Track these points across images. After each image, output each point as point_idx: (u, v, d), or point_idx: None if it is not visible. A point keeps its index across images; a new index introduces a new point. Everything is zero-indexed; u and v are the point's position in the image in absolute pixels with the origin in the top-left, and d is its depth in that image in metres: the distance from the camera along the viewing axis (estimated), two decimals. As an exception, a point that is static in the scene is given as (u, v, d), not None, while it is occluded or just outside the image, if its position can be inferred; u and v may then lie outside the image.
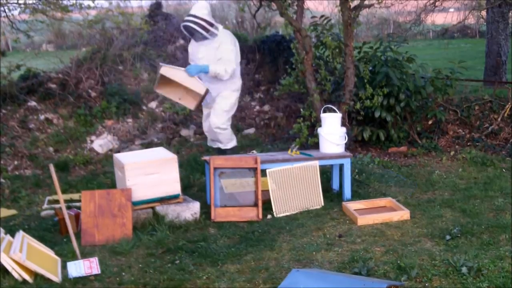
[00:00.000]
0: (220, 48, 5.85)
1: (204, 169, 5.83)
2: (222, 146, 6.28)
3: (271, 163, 5.40)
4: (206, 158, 5.47)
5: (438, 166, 6.71)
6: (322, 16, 7.64)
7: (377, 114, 7.17)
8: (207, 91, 5.84)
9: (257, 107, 9.07)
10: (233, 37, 6.04)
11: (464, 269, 3.76)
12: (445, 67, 7.88)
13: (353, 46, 7.02)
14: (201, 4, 5.89)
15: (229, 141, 6.29)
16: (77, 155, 7.08)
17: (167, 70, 5.79)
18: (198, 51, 6.00)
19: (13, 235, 4.21)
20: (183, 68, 5.84)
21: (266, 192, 5.33)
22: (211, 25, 5.82)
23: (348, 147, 6.30)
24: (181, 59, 9.25)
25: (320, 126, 5.83)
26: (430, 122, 7.65)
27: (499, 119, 7.54)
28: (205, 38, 5.83)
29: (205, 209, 5.22)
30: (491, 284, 3.61)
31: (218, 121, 6.07)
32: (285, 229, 4.81)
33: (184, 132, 7.98)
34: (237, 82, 6.18)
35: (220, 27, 5.96)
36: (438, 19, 13.25)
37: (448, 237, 4.44)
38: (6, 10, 8.53)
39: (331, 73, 7.60)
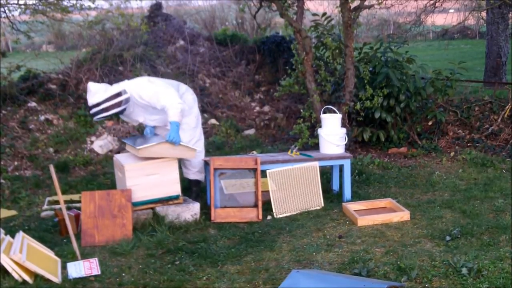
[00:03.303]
0: (150, 100, 5.04)
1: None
2: (191, 175, 5.53)
3: (271, 164, 5.40)
4: (206, 159, 5.47)
5: (438, 167, 6.71)
6: (324, 14, 7.64)
7: (377, 115, 7.17)
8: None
9: (257, 108, 9.07)
10: (139, 81, 5.21)
11: (464, 270, 3.76)
12: (445, 68, 7.89)
13: (353, 47, 7.03)
14: (90, 89, 5.01)
15: (200, 171, 5.53)
16: (77, 156, 7.08)
17: (145, 151, 4.90)
18: (136, 117, 5.28)
19: (13, 236, 4.21)
20: (162, 140, 5.00)
21: (266, 193, 5.34)
22: (117, 95, 4.98)
23: (348, 148, 6.30)
24: (181, 60, 9.26)
25: (320, 127, 5.83)
26: (430, 123, 7.65)
27: (499, 120, 7.54)
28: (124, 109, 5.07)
29: (205, 210, 5.22)
30: (491, 285, 3.61)
31: (188, 138, 5.30)
32: (285, 230, 4.81)
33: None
34: (189, 97, 5.41)
35: (124, 83, 5.13)
36: (438, 20, 13.25)
37: (448, 238, 4.44)
38: (7, 11, 8.53)
39: (331, 74, 7.60)
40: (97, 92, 4.98)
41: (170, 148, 4.99)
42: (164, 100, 4.99)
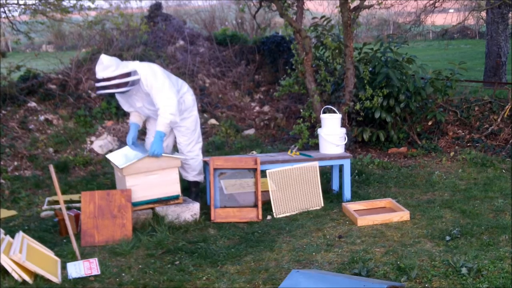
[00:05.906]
0: (150, 90, 4.91)
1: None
2: (190, 178, 5.50)
3: (271, 163, 5.40)
4: (206, 159, 5.47)
5: (438, 167, 6.71)
6: (322, 16, 7.66)
7: (377, 115, 7.17)
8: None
9: (257, 108, 9.07)
10: (152, 67, 5.03)
11: (464, 270, 3.76)
12: (445, 68, 7.89)
13: (353, 47, 7.03)
14: (103, 61, 4.79)
15: (200, 173, 5.51)
16: (77, 156, 7.08)
17: (128, 169, 4.84)
18: (134, 101, 5.14)
19: (13, 236, 4.21)
20: (144, 154, 4.92)
21: (266, 193, 5.34)
22: (127, 75, 4.80)
23: (348, 148, 6.31)
24: (181, 60, 9.26)
25: (320, 127, 5.83)
26: (430, 123, 7.65)
27: (498, 120, 7.54)
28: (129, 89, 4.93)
29: (205, 210, 5.22)
30: (491, 285, 3.61)
31: (186, 141, 5.35)
32: (285, 230, 4.81)
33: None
34: (189, 97, 5.34)
35: (136, 64, 5.00)
36: (438, 20, 13.25)
37: (448, 238, 4.44)
38: (7, 11, 8.54)
39: (331, 74, 7.60)
40: (109, 66, 4.77)
41: (154, 161, 4.92)
42: (160, 101, 4.91)
